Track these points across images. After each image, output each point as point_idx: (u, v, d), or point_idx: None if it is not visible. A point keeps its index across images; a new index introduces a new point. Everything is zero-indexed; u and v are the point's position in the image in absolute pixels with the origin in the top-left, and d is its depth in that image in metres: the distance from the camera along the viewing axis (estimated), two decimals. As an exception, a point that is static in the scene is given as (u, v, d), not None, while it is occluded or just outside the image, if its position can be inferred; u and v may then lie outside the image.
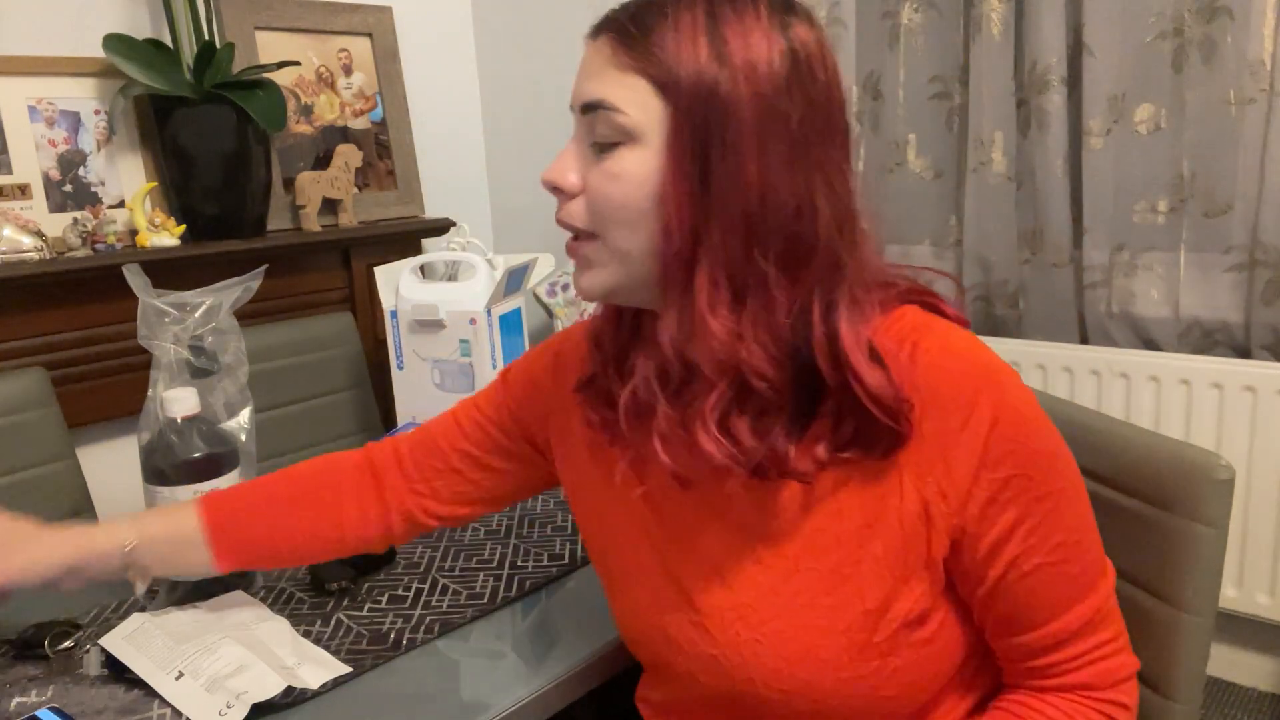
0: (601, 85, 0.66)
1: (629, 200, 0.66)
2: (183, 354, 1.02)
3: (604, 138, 0.66)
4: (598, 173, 0.67)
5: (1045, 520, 0.68)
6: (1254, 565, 1.71)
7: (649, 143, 0.65)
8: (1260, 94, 1.62)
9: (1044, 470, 0.67)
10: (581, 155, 0.68)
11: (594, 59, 0.67)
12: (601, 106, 0.65)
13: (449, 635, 0.96)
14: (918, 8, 1.94)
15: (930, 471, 0.67)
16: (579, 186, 0.68)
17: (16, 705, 0.84)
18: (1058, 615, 0.70)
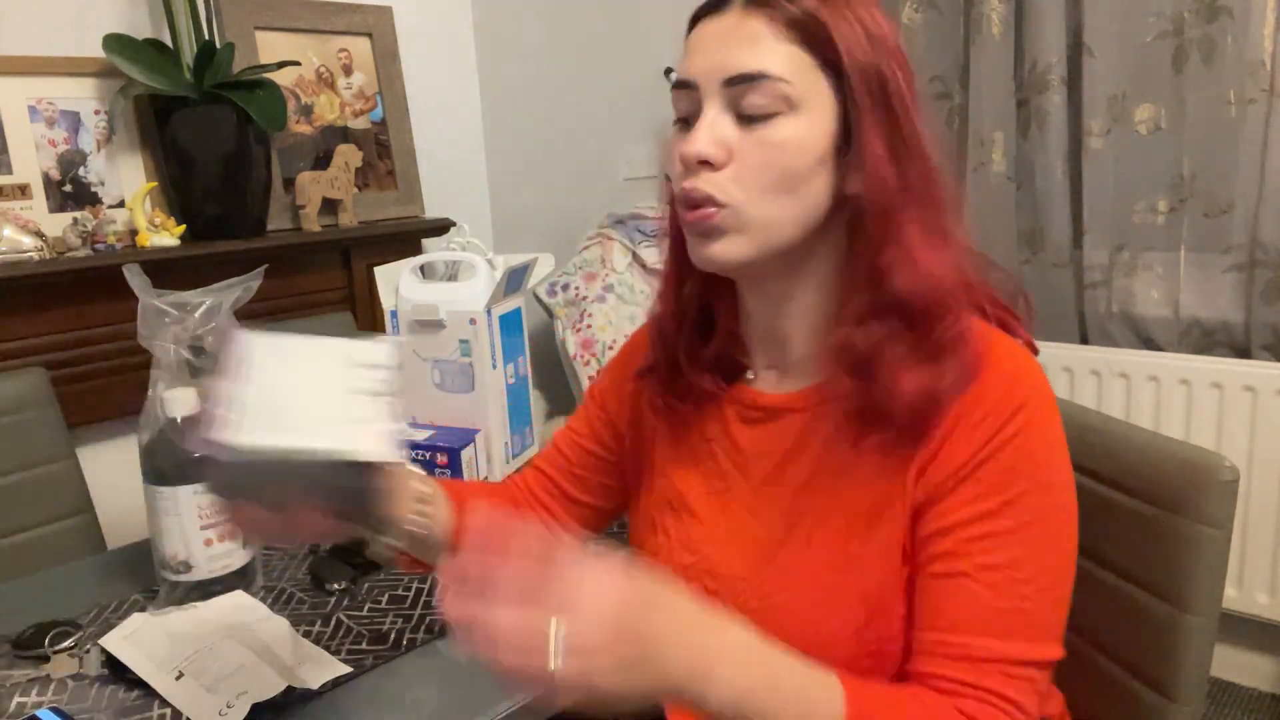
0: (758, 55, 0.67)
1: (791, 167, 0.68)
2: (183, 354, 1.02)
3: (760, 108, 0.67)
4: (753, 141, 0.68)
5: (987, 539, 0.66)
6: (1254, 565, 1.71)
7: (809, 110, 0.67)
8: (1260, 94, 1.62)
9: (1017, 493, 0.66)
10: (724, 127, 0.68)
11: (741, 29, 0.67)
12: (764, 76, 0.66)
13: (449, 635, 0.96)
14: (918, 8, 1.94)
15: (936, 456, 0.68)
16: (729, 158, 0.68)
17: (16, 705, 0.84)
18: (956, 630, 0.66)
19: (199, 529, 0.99)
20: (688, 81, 0.70)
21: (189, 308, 1.02)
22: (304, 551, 1.16)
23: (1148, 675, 0.85)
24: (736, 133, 0.68)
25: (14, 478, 1.35)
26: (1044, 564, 0.67)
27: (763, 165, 0.68)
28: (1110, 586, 0.89)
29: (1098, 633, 0.91)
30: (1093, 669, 0.91)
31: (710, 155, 0.68)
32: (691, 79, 0.69)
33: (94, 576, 1.14)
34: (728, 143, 0.68)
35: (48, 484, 1.38)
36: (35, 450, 1.37)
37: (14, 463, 1.35)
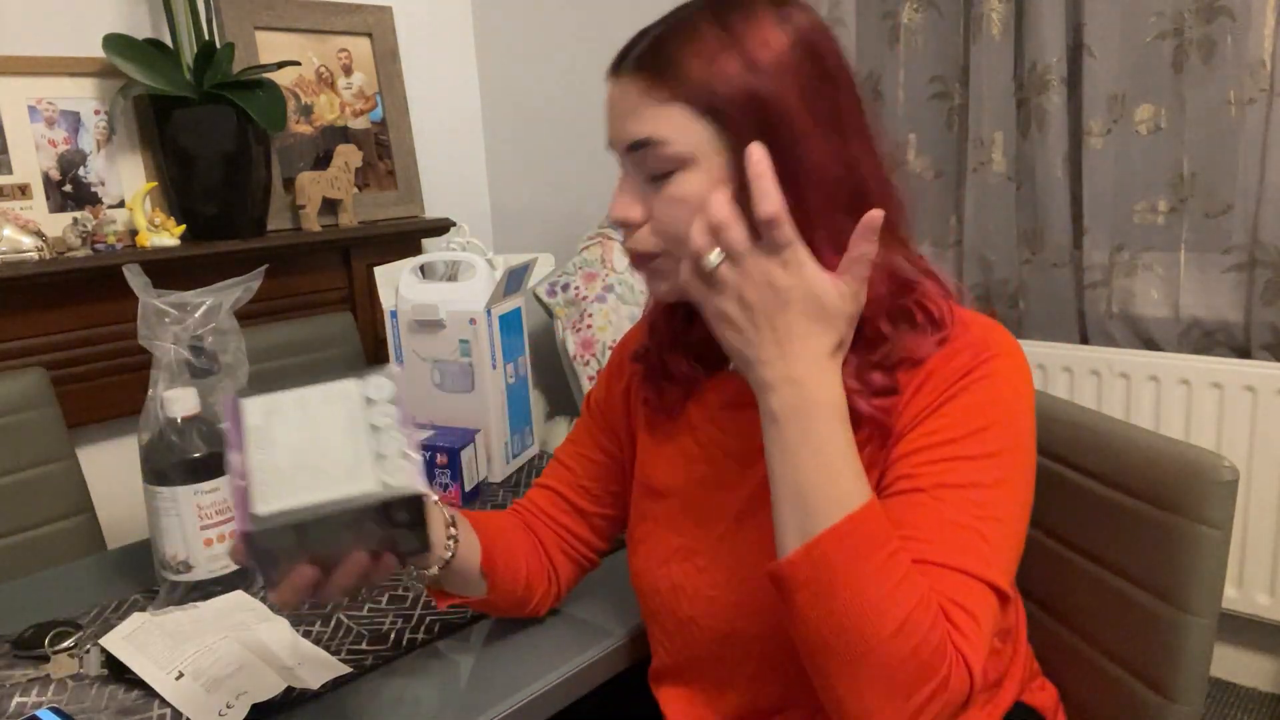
0: (641, 123, 0.70)
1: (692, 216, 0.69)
2: (183, 354, 1.02)
3: (659, 168, 0.70)
4: (661, 201, 0.71)
5: (948, 462, 0.68)
6: (1254, 565, 1.71)
7: (702, 160, 0.69)
8: (1260, 94, 1.62)
9: (978, 428, 0.68)
10: (638, 187, 0.73)
11: (625, 98, 0.71)
12: (649, 143, 0.69)
13: (449, 635, 0.96)
14: (918, 8, 1.94)
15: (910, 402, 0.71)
16: (645, 217, 0.73)
17: (16, 705, 0.84)
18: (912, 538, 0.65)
19: (199, 529, 0.99)
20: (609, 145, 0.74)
21: (189, 308, 1.02)
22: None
23: (1148, 675, 0.85)
24: (647, 191, 0.72)
25: (14, 478, 1.35)
26: (1002, 499, 0.68)
27: (672, 219, 0.71)
28: (1110, 586, 0.89)
29: (1098, 633, 0.91)
30: (1093, 669, 0.91)
31: (627, 219, 0.73)
32: (609, 143, 0.74)
33: (94, 576, 1.14)
34: (643, 202, 0.73)
35: (48, 484, 1.38)
36: (35, 450, 1.37)
37: (14, 463, 1.35)
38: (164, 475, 0.99)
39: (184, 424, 1.00)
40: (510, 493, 1.36)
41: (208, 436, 1.01)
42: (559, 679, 0.88)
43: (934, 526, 0.66)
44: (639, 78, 0.70)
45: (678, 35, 0.69)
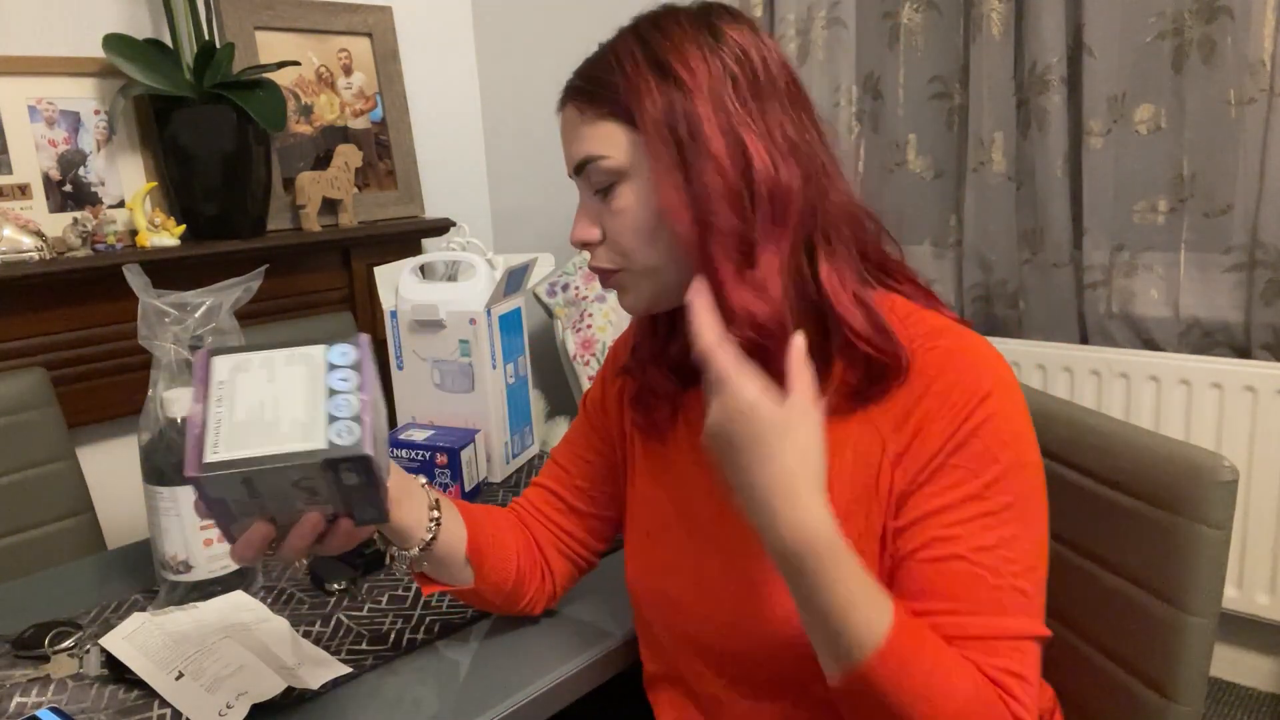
0: (580, 144, 0.75)
1: (638, 225, 0.75)
2: (183, 354, 1.02)
3: (600, 184, 0.75)
4: (609, 215, 0.76)
5: (977, 520, 0.69)
6: (1254, 565, 1.71)
7: (637, 173, 0.74)
8: (1260, 94, 1.62)
9: (997, 475, 0.69)
10: (592, 208, 0.77)
11: (567, 126, 0.77)
12: (588, 161, 0.75)
13: (449, 635, 0.96)
14: (918, 8, 1.94)
15: (909, 448, 0.71)
16: (601, 235, 0.77)
17: (16, 705, 0.84)
18: (958, 612, 0.67)
19: (199, 529, 0.99)
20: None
21: (189, 308, 1.02)
22: (304, 551, 1.16)
23: (1148, 675, 0.85)
24: (600, 210, 0.76)
25: (14, 478, 1.35)
26: (1028, 542, 0.69)
27: (621, 229, 0.75)
28: (1110, 586, 0.89)
29: (1098, 633, 0.91)
30: (1093, 669, 0.91)
31: (586, 238, 0.78)
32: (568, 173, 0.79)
33: (94, 576, 1.14)
34: (598, 219, 0.77)
35: (48, 484, 1.38)
36: (35, 450, 1.37)
37: (14, 463, 1.35)
38: (164, 475, 0.99)
39: (184, 424, 1.00)
40: (510, 492, 1.36)
41: (208, 436, 1.01)
42: (558, 680, 0.88)
43: (979, 597, 0.67)
44: (574, 105, 0.76)
45: (603, 61, 0.75)
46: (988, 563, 0.68)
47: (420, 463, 1.31)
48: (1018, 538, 0.69)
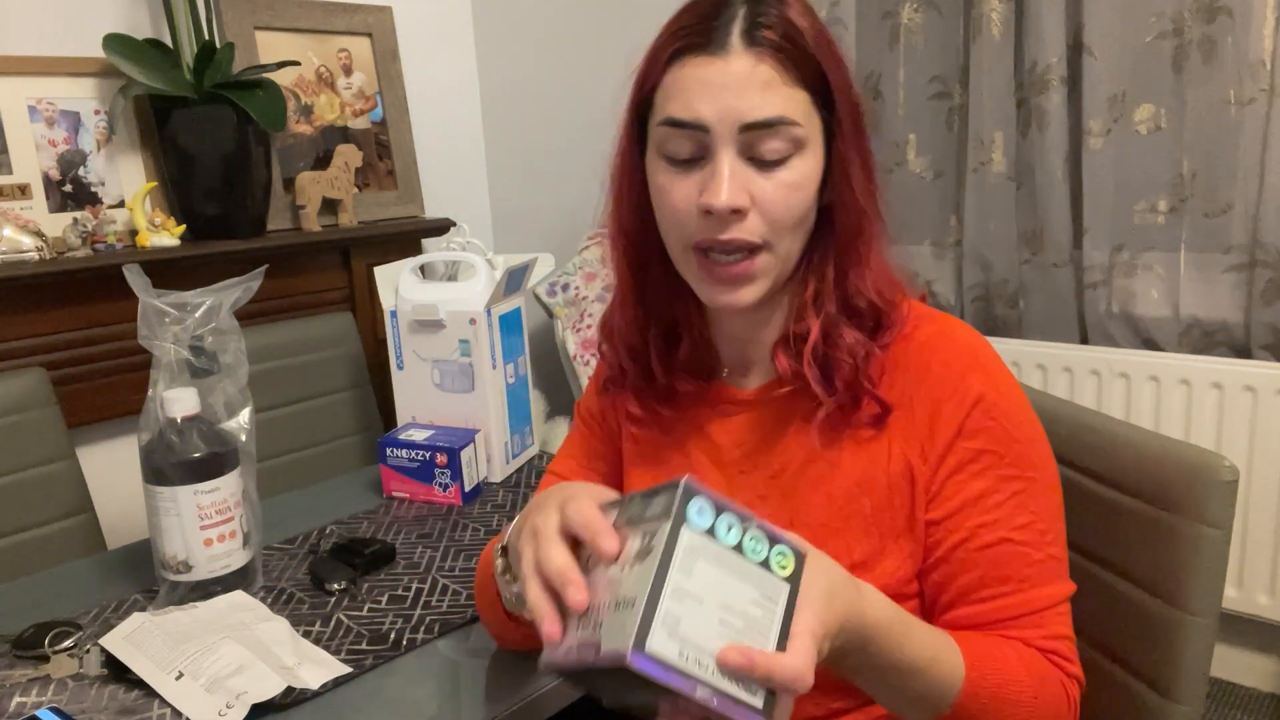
0: (773, 102, 0.68)
1: (805, 204, 0.72)
2: (183, 354, 1.02)
3: (776, 153, 0.69)
4: (774, 185, 0.70)
5: (1013, 499, 0.72)
6: (1254, 565, 1.71)
7: (812, 147, 0.71)
8: (1260, 94, 1.62)
9: (1018, 454, 0.73)
10: (742, 174, 0.70)
11: (752, 75, 0.68)
12: (783, 122, 0.68)
13: (449, 635, 0.96)
14: (918, 8, 1.94)
15: (915, 435, 0.73)
16: (752, 203, 0.70)
17: (16, 705, 0.84)
18: (1013, 592, 0.71)
19: (199, 529, 0.99)
20: (696, 124, 0.69)
21: (189, 308, 1.02)
22: (304, 551, 1.16)
23: (1148, 675, 0.85)
24: (752, 176, 0.70)
25: (14, 478, 1.35)
26: (1054, 506, 0.74)
27: (785, 208, 0.70)
28: (1110, 586, 0.88)
29: (1098, 633, 0.91)
30: (1093, 669, 0.91)
31: (739, 203, 0.69)
32: (701, 122, 0.69)
33: (94, 576, 1.14)
34: (749, 189, 0.70)
35: (48, 484, 1.38)
36: (35, 450, 1.37)
37: (14, 463, 1.35)
38: (164, 475, 0.99)
39: (184, 424, 1.00)
40: (510, 492, 1.36)
41: (208, 436, 1.01)
42: (558, 680, 0.88)
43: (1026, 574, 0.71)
44: (774, 56, 0.68)
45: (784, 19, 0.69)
46: (1029, 538, 0.72)
47: (420, 463, 1.31)
48: (1045, 506, 0.73)
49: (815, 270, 0.76)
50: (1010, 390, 0.74)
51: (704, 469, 0.83)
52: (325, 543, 1.18)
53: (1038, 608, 0.71)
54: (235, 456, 1.04)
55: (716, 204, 0.68)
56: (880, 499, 0.74)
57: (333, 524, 1.25)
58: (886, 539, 0.74)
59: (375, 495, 1.36)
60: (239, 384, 1.07)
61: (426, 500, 1.32)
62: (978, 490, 0.72)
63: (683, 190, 0.71)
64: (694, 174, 0.71)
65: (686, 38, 0.70)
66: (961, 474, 0.72)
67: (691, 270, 0.74)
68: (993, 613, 0.72)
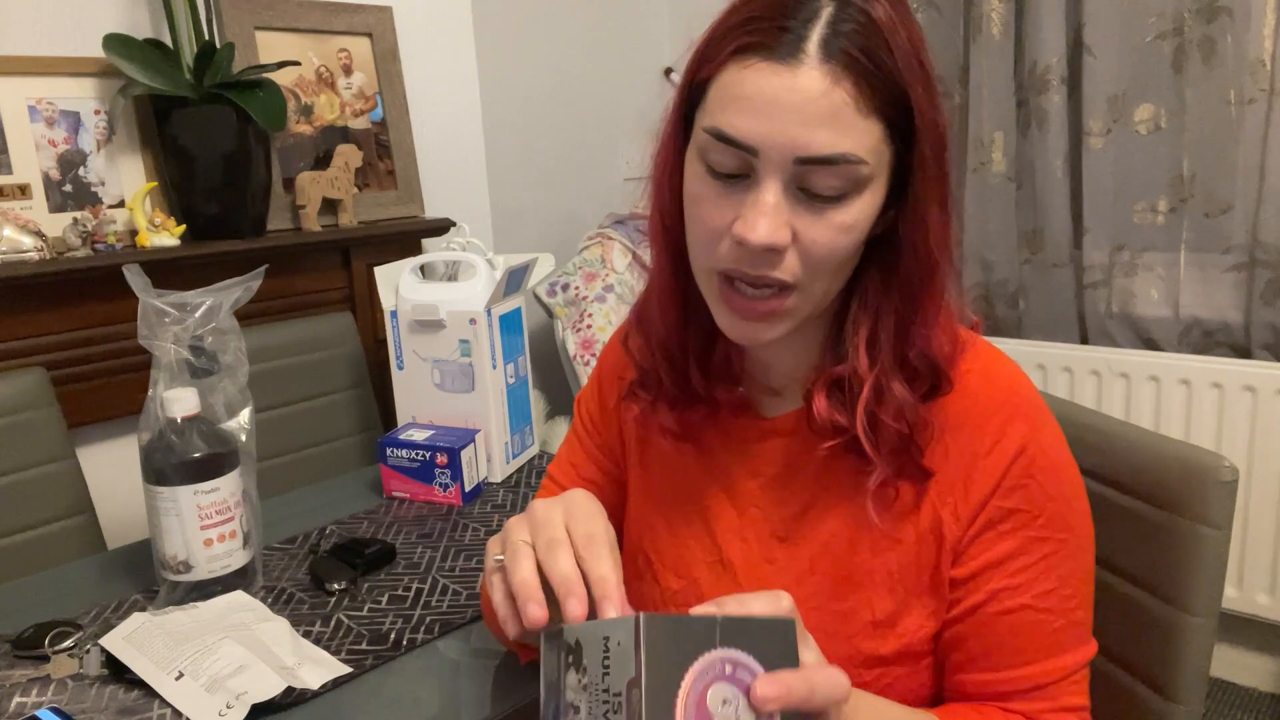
0: (842, 134, 0.58)
1: (852, 246, 0.63)
2: (183, 354, 1.02)
3: (831, 190, 0.60)
4: (823, 226, 0.61)
5: (1041, 562, 0.67)
6: (1254, 565, 1.71)
7: (875, 187, 0.62)
8: (1260, 94, 1.62)
9: (1052, 513, 0.68)
10: (785, 206, 0.60)
11: (824, 99, 0.57)
12: (845, 160, 0.59)
13: (449, 635, 0.96)
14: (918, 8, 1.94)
15: (950, 490, 0.68)
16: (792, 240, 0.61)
17: (16, 705, 0.84)
18: (1026, 663, 0.68)
19: (199, 529, 0.99)
20: (745, 145, 0.59)
21: (189, 308, 1.02)
22: (304, 551, 1.16)
23: (1148, 675, 0.85)
24: (798, 212, 0.61)
25: (14, 478, 1.35)
26: (1083, 570, 0.69)
27: (829, 250, 0.61)
28: (1110, 586, 0.88)
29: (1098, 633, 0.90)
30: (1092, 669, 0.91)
31: (780, 244, 0.60)
32: (751, 144, 0.59)
33: (94, 576, 1.14)
34: (790, 224, 0.61)
35: (48, 484, 1.38)
36: (35, 450, 1.37)
37: (14, 463, 1.35)
38: (164, 475, 0.99)
39: (184, 424, 1.00)
40: (510, 492, 1.36)
41: (208, 436, 1.01)
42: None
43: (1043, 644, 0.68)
44: (852, 80, 0.58)
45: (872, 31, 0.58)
46: (1052, 605, 0.68)
47: (420, 463, 1.31)
48: (1076, 569, 0.69)
49: (872, 311, 0.66)
50: (1054, 441, 0.69)
51: (717, 501, 0.77)
52: (325, 543, 1.18)
53: (1050, 680, 0.68)
54: (235, 456, 1.04)
55: (752, 239, 0.59)
56: (907, 555, 0.69)
57: (333, 524, 1.25)
58: (910, 596, 0.69)
59: (375, 495, 1.36)
60: (239, 384, 1.07)
61: (426, 500, 1.32)
62: (1005, 551, 0.67)
63: (718, 209, 0.62)
64: (734, 194, 0.61)
65: (754, 33, 0.59)
66: (991, 532, 0.68)
67: (713, 294, 0.67)
68: (1003, 683, 0.68)
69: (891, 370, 0.66)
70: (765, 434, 0.75)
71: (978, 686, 0.69)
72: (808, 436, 0.71)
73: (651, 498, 0.82)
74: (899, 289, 0.65)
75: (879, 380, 0.66)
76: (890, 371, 0.66)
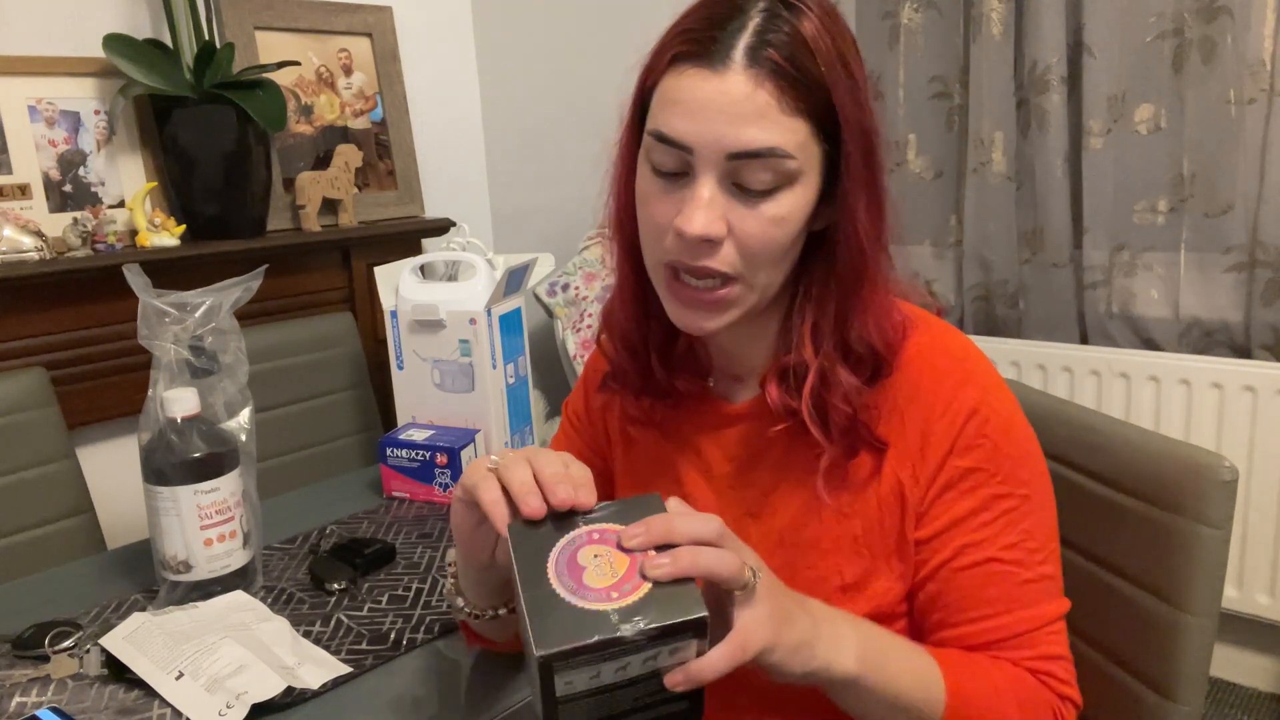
0: (768, 131, 0.64)
1: (786, 239, 0.68)
2: (183, 354, 1.02)
3: (762, 184, 0.65)
4: (755, 218, 0.66)
5: (1002, 518, 0.70)
6: (1254, 565, 1.71)
7: (805, 180, 0.67)
8: (1260, 94, 1.62)
9: (1009, 471, 0.71)
10: (720, 202, 0.66)
11: (748, 100, 0.63)
12: (773, 154, 0.64)
13: (449, 635, 0.96)
14: (918, 8, 1.94)
15: (906, 454, 0.72)
16: (728, 232, 0.66)
17: (16, 705, 0.84)
18: (1000, 613, 0.70)
19: (199, 529, 0.99)
20: (680, 144, 0.65)
21: (189, 308, 1.02)
22: (304, 551, 1.16)
23: (1148, 675, 0.85)
24: (733, 205, 0.66)
25: (14, 478, 1.35)
26: (1046, 525, 0.72)
27: (762, 242, 0.67)
28: (1110, 586, 0.88)
29: (1098, 633, 0.91)
30: (1093, 669, 0.91)
31: (712, 234, 0.65)
32: (686, 143, 0.65)
33: (94, 576, 1.14)
34: (726, 217, 0.66)
35: (48, 484, 1.38)
36: (35, 450, 1.37)
37: (14, 463, 1.35)
38: (164, 475, 0.99)
39: (184, 424, 1.00)
40: (510, 493, 1.36)
41: (208, 436, 1.01)
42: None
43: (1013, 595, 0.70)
44: (774, 82, 0.63)
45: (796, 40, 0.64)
46: (1018, 557, 0.70)
47: (420, 463, 1.31)
48: (1038, 524, 0.71)
49: (814, 301, 0.72)
50: (1004, 402, 0.72)
51: (694, 484, 0.82)
52: (325, 543, 1.18)
53: (1027, 629, 0.70)
54: (235, 456, 1.04)
55: (688, 231, 0.65)
56: (870, 520, 0.72)
57: (333, 524, 1.25)
58: (878, 559, 0.73)
59: (375, 495, 1.36)
60: (239, 384, 1.07)
61: (426, 500, 1.32)
62: (966, 509, 0.70)
63: (662, 206, 0.68)
64: (675, 191, 0.67)
65: (688, 43, 0.65)
66: (951, 492, 0.71)
67: (662, 287, 0.72)
68: (981, 634, 0.70)
69: (834, 356, 0.71)
70: (731, 420, 0.80)
71: (958, 640, 0.71)
72: (768, 420, 0.75)
73: (637, 485, 0.86)
74: (837, 281, 0.70)
75: (823, 366, 0.71)
76: (833, 357, 0.71)
